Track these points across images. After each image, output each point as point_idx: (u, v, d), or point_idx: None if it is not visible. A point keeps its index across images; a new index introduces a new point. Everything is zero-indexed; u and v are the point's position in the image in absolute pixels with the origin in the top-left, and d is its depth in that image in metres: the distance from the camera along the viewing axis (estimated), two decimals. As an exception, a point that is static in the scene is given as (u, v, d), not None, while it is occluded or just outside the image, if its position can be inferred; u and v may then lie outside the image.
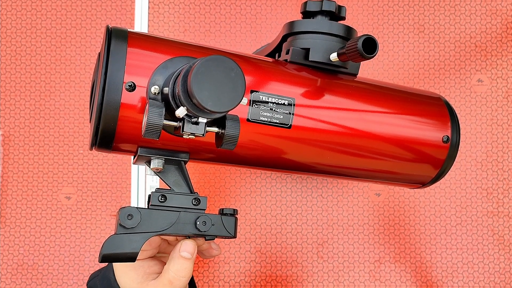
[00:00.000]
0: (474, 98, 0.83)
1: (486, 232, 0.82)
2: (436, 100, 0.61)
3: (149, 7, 0.83)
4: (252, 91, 0.50)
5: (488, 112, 0.83)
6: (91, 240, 0.80)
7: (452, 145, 0.59)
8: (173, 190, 0.50)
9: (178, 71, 0.45)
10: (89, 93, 0.73)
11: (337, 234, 0.82)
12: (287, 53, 0.55)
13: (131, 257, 0.47)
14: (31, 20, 0.83)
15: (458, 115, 0.80)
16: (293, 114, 0.52)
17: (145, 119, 0.42)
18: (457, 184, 0.82)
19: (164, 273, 0.52)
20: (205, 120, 0.42)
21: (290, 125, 0.52)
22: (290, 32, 0.56)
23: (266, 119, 0.51)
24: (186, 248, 0.51)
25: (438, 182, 0.80)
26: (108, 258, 0.47)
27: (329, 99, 0.54)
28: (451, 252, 0.82)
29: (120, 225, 0.47)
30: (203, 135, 0.43)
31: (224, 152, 0.52)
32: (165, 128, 0.47)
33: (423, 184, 0.63)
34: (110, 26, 0.48)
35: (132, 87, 0.46)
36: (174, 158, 0.50)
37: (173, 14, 0.83)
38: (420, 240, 0.82)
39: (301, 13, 0.57)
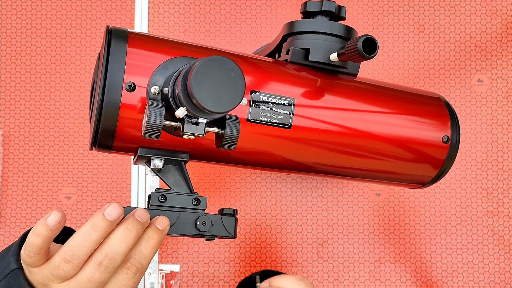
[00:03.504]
0: (474, 98, 0.83)
1: (486, 232, 0.82)
2: (436, 100, 0.61)
3: (149, 7, 0.83)
4: (252, 91, 0.50)
5: (488, 112, 0.83)
6: (91, 240, 0.80)
7: (452, 145, 0.59)
8: (173, 190, 0.50)
9: (178, 71, 0.45)
10: (89, 93, 0.73)
11: (337, 234, 0.82)
12: (287, 53, 0.55)
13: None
14: (31, 20, 0.83)
15: (458, 115, 0.80)
16: (293, 114, 0.52)
17: (145, 120, 0.42)
18: (457, 184, 0.82)
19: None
20: (205, 121, 0.42)
21: (290, 125, 0.52)
22: (290, 32, 0.56)
23: (266, 119, 0.51)
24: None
25: (438, 182, 0.80)
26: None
27: (329, 99, 0.54)
28: (451, 252, 0.82)
29: (120, 225, 0.47)
30: (203, 135, 0.43)
31: (224, 152, 0.52)
32: (165, 128, 0.47)
33: (423, 184, 0.63)
34: (110, 26, 0.48)
35: (132, 87, 0.46)
36: (174, 158, 0.50)
37: (173, 14, 0.83)
38: (420, 240, 0.82)
39: (301, 13, 0.57)
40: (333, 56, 0.53)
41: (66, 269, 0.42)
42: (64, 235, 0.47)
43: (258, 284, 0.52)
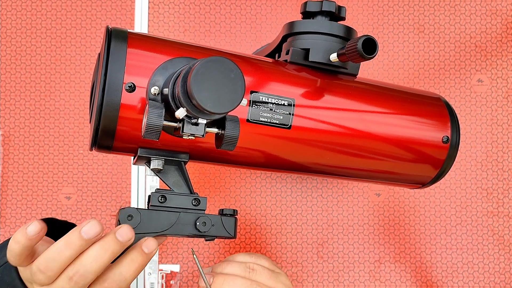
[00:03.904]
0: (474, 98, 0.83)
1: (486, 232, 0.82)
2: (436, 101, 0.61)
3: (149, 7, 0.83)
4: (252, 92, 0.50)
5: (488, 112, 0.83)
6: (91, 240, 0.80)
7: (452, 146, 0.59)
8: (173, 190, 0.50)
9: (178, 72, 0.45)
10: (89, 93, 0.73)
11: (337, 234, 0.82)
12: (287, 53, 0.55)
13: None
14: (31, 20, 0.83)
15: (458, 115, 0.80)
16: (293, 114, 0.52)
17: (145, 120, 0.42)
18: (457, 184, 0.82)
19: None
20: (204, 121, 0.42)
21: (290, 125, 0.52)
22: (290, 33, 0.56)
23: (266, 120, 0.51)
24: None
25: (438, 182, 0.80)
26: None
27: (329, 99, 0.54)
28: (451, 252, 0.82)
29: (120, 225, 0.47)
30: (203, 136, 0.43)
31: (224, 152, 0.52)
32: (165, 129, 0.47)
33: (423, 184, 0.63)
34: (110, 26, 0.48)
35: (132, 88, 0.46)
36: (174, 158, 0.50)
37: (173, 14, 0.83)
38: (420, 240, 0.82)
39: (301, 13, 0.57)
40: (333, 57, 0.53)
41: (41, 278, 0.43)
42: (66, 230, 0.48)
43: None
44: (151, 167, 0.50)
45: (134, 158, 0.51)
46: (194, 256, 0.53)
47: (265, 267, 0.55)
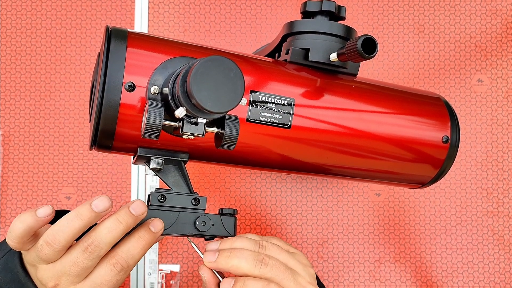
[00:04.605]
0: (474, 98, 0.83)
1: (486, 232, 0.82)
2: (435, 100, 0.61)
3: (149, 7, 0.83)
4: (251, 91, 0.50)
5: (488, 112, 0.83)
6: (91, 240, 0.80)
7: (452, 145, 0.59)
8: (173, 190, 0.50)
9: (177, 71, 0.45)
10: (89, 93, 0.73)
11: (337, 234, 0.82)
12: (287, 53, 0.55)
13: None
14: (31, 20, 0.83)
15: (458, 115, 0.80)
16: (292, 114, 0.52)
17: (144, 119, 0.42)
18: (457, 184, 0.82)
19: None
20: (204, 121, 0.42)
21: (290, 125, 0.52)
22: (290, 32, 0.56)
23: (266, 119, 0.51)
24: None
25: (438, 182, 0.80)
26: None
27: (328, 99, 0.54)
28: (451, 252, 0.82)
29: (120, 225, 0.47)
30: (202, 135, 0.43)
31: (223, 152, 0.52)
32: (165, 128, 0.47)
33: (423, 184, 0.63)
34: (110, 26, 0.48)
35: (131, 87, 0.46)
36: (174, 158, 0.50)
37: (173, 14, 0.83)
38: (420, 240, 0.82)
39: (301, 13, 0.57)
40: (333, 56, 0.53)
41: (48, 253, 0.43)
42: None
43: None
44: (150, 167, 0.50)
45: (133, 158, 0.51)
46: (190, 241, 0.52)
47: (278, 245, 0.53)
